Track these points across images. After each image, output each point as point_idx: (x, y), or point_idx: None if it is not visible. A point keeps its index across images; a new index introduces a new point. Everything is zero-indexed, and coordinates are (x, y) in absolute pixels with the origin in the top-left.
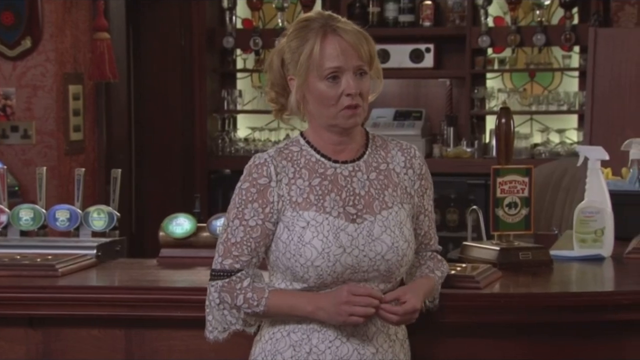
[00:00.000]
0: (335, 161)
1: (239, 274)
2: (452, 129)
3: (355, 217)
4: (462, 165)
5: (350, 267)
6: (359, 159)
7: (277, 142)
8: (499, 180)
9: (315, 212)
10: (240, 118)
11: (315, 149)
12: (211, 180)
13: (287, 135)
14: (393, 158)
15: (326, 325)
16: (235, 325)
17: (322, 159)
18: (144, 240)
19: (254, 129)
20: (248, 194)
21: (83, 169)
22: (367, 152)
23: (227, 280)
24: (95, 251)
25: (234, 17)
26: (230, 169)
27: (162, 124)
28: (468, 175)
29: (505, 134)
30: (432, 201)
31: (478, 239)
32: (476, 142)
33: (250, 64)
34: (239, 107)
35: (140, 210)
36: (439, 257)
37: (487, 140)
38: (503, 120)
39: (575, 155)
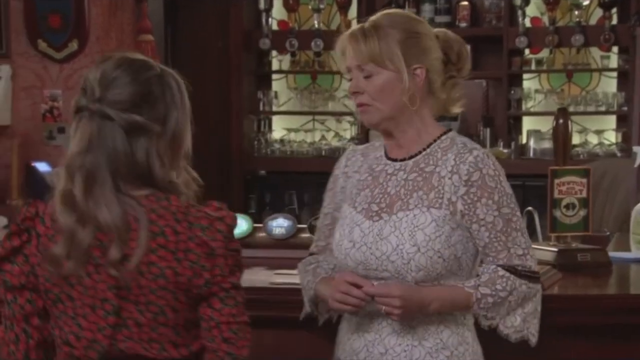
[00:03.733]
0: (390, 158)
1: (309, 258)
2: (488, 129)
3: (374, 214)
4: None
5: (360, 263)
6: (410, 158)
7: (312, 144)
8: (556, 181)
9: (349, 205)
10: (275, 119)
11: (385, 146)
12: (247, 181)
13: (322, 137)
14: (445, 162)
15: (354, 316)
16: (306, 307)
17: (383, 156)
18: None
19: (289, 130)
20: (329, 183)
21: None
22: (423, 153)
23: (303, 262)
24: None
25: (270, 19)
26: (266, 170)
27: (199, 125)
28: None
29: (562, 134)
30: (498, 211)
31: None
32: (513, 143)
33: (285, 66)
34: (274, 109)
35: None
36: (501, 272)
37: (524, 141)
38: (561, 121)
39: (614, 156)
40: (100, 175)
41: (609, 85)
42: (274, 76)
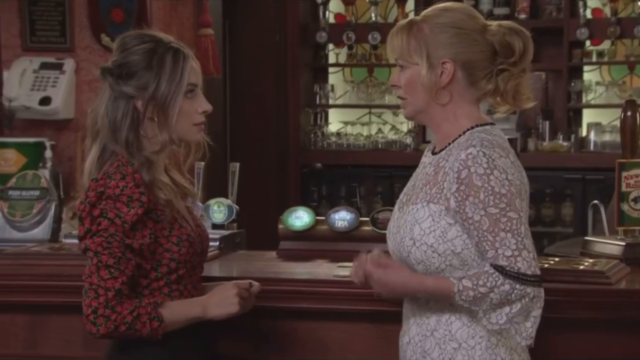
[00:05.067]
0: (432, 152)
1: None
2: (547, 122)
3: (402, 206)
4: (558, 160)
5: (392, 252)
6: (439, 152)
7: (368, 137)
8: (624, 174)
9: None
10: (331, 112)
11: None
12: (303, 174)
13: (379, 130)
14: (452, 158)
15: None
16: None
17: (431, 149)
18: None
19: (345, 123)
20: None
21: (202, 163)
22: (446, 149)
23: None
24: (218, 243)
25: (327, 12)
26: (322, 163)
27: (256, 119)
28: (564, 170)
29: (630, 127)
30: (484, 210)
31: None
32: (573, 136)
33: (342, 59)
34: (331, 102)
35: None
36: (487, 268)
37: (584, 134)
38: (628, 113)
39: None
40: (96, 130)
41: None
42: (331, 69)
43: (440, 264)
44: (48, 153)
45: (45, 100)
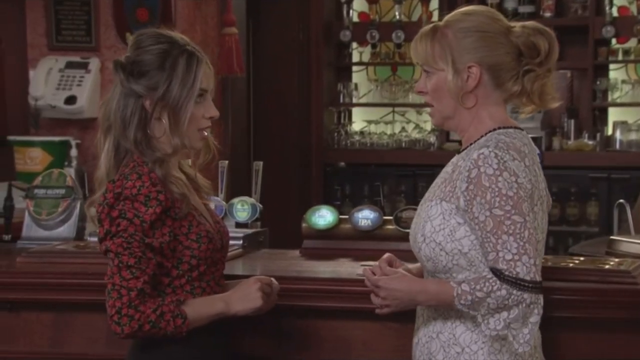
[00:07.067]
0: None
1: None
2: (572, 121)
3: (422, 203)
4: (583, 158)
5: (412, 248)
6: (460, 153)
7: (392, 136)
8: None
9: None
10: (355, 111)
11: None
12: (327, 173)
13: (403, 129)
14: (467, 157)
15: None
16: None
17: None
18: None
19: (369, 122)
20: None
21: (226, 162)
22: (467, 149)
23: None
24: (241, 242)
25: (351, 11)
26: (345, 162)
27: (279, 117)
28: (590, 169)
29: None
30: (489, 211)
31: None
32: (598, 135)
33: (366, 57)
34: (354, 101)
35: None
36: (486, 272)
37: (610, 132)
38: None
39: None
40: (107, 125)
41: None
42: (354, 68)
43: (448, 263)
44: (73, 152)
45: (71, 99)
